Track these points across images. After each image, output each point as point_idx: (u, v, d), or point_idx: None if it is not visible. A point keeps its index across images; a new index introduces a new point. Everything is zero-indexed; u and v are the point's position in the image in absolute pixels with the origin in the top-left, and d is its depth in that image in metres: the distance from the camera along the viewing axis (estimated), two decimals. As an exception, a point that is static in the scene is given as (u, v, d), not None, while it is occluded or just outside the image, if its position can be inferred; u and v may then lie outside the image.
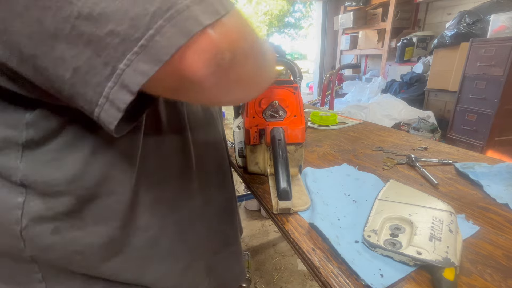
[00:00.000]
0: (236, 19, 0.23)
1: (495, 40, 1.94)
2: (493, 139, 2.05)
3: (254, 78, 0.28)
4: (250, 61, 0.25)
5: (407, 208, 0.43)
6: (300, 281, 1.37)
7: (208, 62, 0.21)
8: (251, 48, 0.25)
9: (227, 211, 0.55)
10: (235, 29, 0.22)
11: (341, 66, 3.18)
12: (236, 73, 0.24)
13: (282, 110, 0.57)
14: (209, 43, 0.20)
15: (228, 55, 0.22)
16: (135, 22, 0.18)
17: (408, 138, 0.86)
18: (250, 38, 0.24)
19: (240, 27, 0.23)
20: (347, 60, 4.45)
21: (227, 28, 0.21)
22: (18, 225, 0.28)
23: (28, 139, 0.27)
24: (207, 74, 0.22)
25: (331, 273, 0.35)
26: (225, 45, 0.21)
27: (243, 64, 0.24)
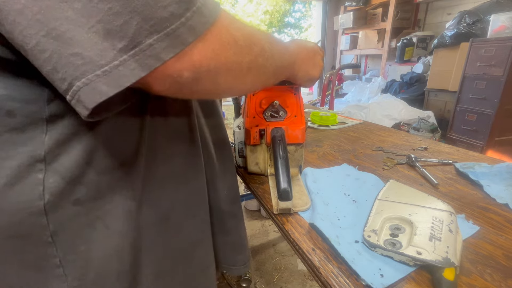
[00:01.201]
0: (210, 40, 0.25)
1: (495, 40, 1.94)
2: (493, 139, 2.05)
3: (230, 85, 0.31)
4: (221, 75, 0.28)
5: (407, 208, 0.43)
6: (300, 281, 1.37)
7: (164, 81, 0.25)
8: (224, 64, 0.27)
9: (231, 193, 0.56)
10: (201, 52, 0.25)
11: (341, 66, 3.18)
12: (202, 86, 0.27)
13: (283, 110, 0.57)
14: (166, 72, 0.24)
15: (186, 74, 0.25)
16: (103, 52, 0.21)
17: (408, 138, 0.86)
18: (224, 54, 0.27)
19: (211, 47, 0.25)
20: (347, 60, 4.45)
21: (191, 53, 0.24)
22: (41, 200, 0.29)
23: (52, 114, 0.28)
24: (164, 89, 0.26)
25: (331, 273, 0.35)
26: (184, 67, 0.24)
27: (210, 78, 0.27)
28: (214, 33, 0.26)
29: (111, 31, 0.21)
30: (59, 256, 0.32)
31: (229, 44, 0.27)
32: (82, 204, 0.32)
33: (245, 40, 0.29)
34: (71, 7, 0.20)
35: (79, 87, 0.22)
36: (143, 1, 0.22)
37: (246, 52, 0.29)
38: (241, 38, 0.28)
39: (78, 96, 0.22)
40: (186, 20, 0.23)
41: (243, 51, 0.28)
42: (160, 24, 0.22)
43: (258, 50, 0.31)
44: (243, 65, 0.29)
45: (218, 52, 0.26)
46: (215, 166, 0.51)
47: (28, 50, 0.21)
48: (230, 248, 0.58)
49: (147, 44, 0.22)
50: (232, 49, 0.27)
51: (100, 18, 0.21)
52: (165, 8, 0.22)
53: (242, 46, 0.28)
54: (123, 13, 0.21)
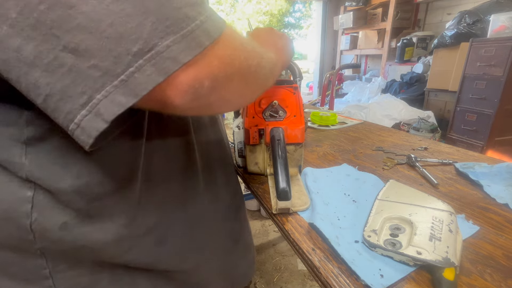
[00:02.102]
0: (224, 44, 0.24)
1: (495, 40, 1.94)
2: (493, 139, 2.05)
3: (241, 93, 0.30)
4: (235, 81, 0.27)
5: (407, 208, 0.43)
6: (300, 281, 1.37)
7: (185, 93, 0.23)
8: (238, 69, 0.26)
9: (232, 208, 0.55)
10: (218, 57, 0.24)
11: (341, 66, 3.18)
12: (218, 95, 0.26)
13: (282, 110, 0.57)
14: (187, 77, 0.22)
15: (207, 82, 0.24)
16: (118, 59, 0.20)
17: (408, 138, 0.86)
18: (237, 59, 0.26)
19: (226, 52, 0.25)
20: (347, 60, 4.45)
21: (209, 58, 0.23)
22: (28, 219, 0.29)
23: (30, 136, 0.27)
24: (185, 103, 0.24)
25: (331, 273, 0.35)
26: (205, 75, 0.23)
27: (226, 86, 0.26)
28: (227, 38, 0.25)
29: (124, 35, 0.20)
30: (49, 267, 0.32)
31: (240, 50, 0.27)
32: (69, 228, 0.31)
33: (249, 44, 0.29)
34: (79, 11, 0.19)
35: (99, 100, 0.20)
36: (157, 1, 0.21)
37: (253, 56, 0.29)
38: (246, 44, 0.28)
39: (97, 109, 0.21)
40: (201, 22, 0.22)
41: (250, 55, 0.28)
42: (176, 24, 0.21)
43: (258, 53, 0.31)
44: (251, 69, 0.29)
45: (233, 57, 0.26)
46: (215, 181, 0.49)
47: (42, 65, 0.20)
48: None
49: (164, 46, 0.21)
50: (242, 54, 0.27)
51: (111, 21, 0.19)
52: (180, 10, 0.22)
53: (249, 51, 0.28)
54: (136, 14, 0.20)
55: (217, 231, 0.49)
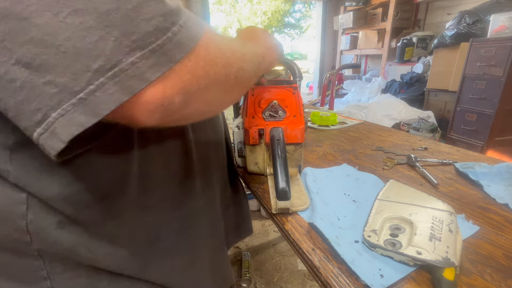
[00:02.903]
0: (199, 55, 0.23)
1: (495, 40, 1.94)
2: (493, 139, 2.05)
3: (219, 101, 0.29)
4: (211, 92, 0.26)
5: (407, 208, 0.43)
6: (300, 281, 1.37)
7: (153, 112, 0.21)
8: (214, 80, 0.25)
9: (230, 209, 0.55)
10: (191, 70, 0.22)
11: (341, 66, 3.18)
12: (192, 108, 0.25)
13: (282, 110, 0.57)
14: (154, 96, 0.21)
15: (178, 98, 0.22)
16: (76, 76, 0.18)
17: (408, 138, 0.86)
18: (214, 69, 0.24)
19: (200, 63, 0.23)
20: (347, 60, 4.44)
21: (180, 73, 0.22)
22: (23, 220, 0.28)
23: (16, 142, 0.26)
24: (153, 121, 0.22)
25: (331, 273, 0.35)
26: (175, 91, 0.22)
27: (200, 99, 0.25)
28: (203, 48, 0.23)
29: (83, 50, 0.18)
30: (46, 269, 0.32)
31: (218, 57, 0.25)
32: (65, 227, 0.31)
33: (229, 49, 0.27)
34: (33, 24, 0.17)
35: (55, 118, 0.19)
36: (123, 13, 0.19)
37: (233, 62, 0.27)
38: (226, 49, 0.27)
39: (53, 128, 0.19)
40: (173, 34, 0.21)
41: (230, 61, 0.27)
42: (143, 39, 0.20)
43: (240, 56, 0.29)
44: (230, 76, 0.27)
45: (208, 68, 0.24)
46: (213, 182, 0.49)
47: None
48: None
49: (129, 63, 0.19)
50: (220, 62, 0.25)
51: (68, 35, 0.18)
52: (149, 21, 0.20)
53: (229, 57, 0.27)
54: (98, 27, 0.18)
55: (212, 231, 0.49)
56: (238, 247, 1.60)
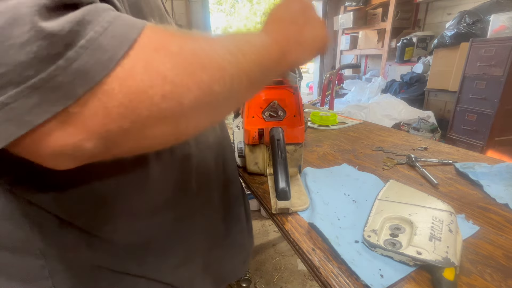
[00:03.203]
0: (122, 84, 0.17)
1: (495, 40, 1.94)
2: (493, 139, 2.05)
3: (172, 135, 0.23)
4: (151, 127, 0.20)
5: (407, 208, 0.43)
6: (300, 281, 1.37)
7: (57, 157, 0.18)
8: (148, 117, 0.19)
9: (227, 210, 0.55)
10: (103, 111, 0.17)
11: (341, 66, 3.18)
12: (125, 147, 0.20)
13: (282, 110, 0.57)
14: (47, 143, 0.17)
15: (90, 144, 0.18)
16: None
17: (408, 138, 0.86)
18: (146, 102, 0.18)
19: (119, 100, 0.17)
20: (347, 60, 4.44)
21: (85, 114, 0.17)
22: (26, 218, 0.29)
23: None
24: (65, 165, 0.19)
25: (331, 273, 0.35)
26: (80, 137, 0.17)
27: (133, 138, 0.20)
28: (123, 76, 0.17)
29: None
30: (48, 268, 0.32)
31: (152, 87, 0.18)
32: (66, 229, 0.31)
33: (184, 70, 0.20)
34: None
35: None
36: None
37: (187, 88, 0.20)
38: (174, 71, 0.19)
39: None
40: (66, 62, 0.16)
41: (179, 90, 0.19)
42: (16, 72, 0.15)
43: (210, 76, 0.21)
44: (183, 106, 0.20)
45: (133, 104, 0.18)
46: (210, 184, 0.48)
47: None
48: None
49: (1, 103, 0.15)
50: (157, 93, 0.18)
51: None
52: (22, 48, 0.15)
53: (177, 84, 0.19)
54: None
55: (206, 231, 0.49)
56: (238, 247, 1.60)
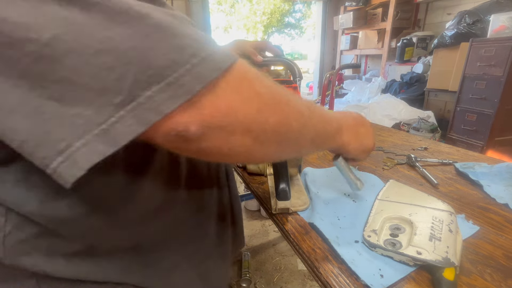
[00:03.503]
0: (225, 89, 0.23)
1: (495, 40, 1.94)
2: (493, 139, 2.05)
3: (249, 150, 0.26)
4: (237, 135, 0.24)
5: (407, 208, 0.43)
6: (300, 281, 1.37)
7: (170, 138, 0.23)
8: (242, 122, 0.24)
9: (221, 216, 0.54)
10: (212, 103, 0.22)
11: (341, 66, 3.18)
12: (210, 144, 0.24)
13: (282, 110, 0.57)
14: (170, 126, 0.22)
15: (194, 128, 0.22)
16: (100, 110, 0.20)
17: (408, 138, 0.86)
18: (242, 110, 0.24)
19: (226, 99, 0.23)
20: (347, 60, 4.44)
21: (199, 104, 0.22)
22: (1, 232, 0.28)
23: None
24: (170, 146, 0.23)
25: (331, 273, 0.35)
26: (192, 121, 0.22)
27: (221, 137, 0.24)
28: (231, 82, 0.23)
29: (106, 87, 0.20)
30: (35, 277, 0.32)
31: (251, 98, 0.24)
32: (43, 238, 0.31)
33: (273, 96, 0.25)
34: (62, 64, 0.19)
35: (78, 147, 0.20)
36: (139, 51, 0.20)
37: (274, 110, 0.25)
38: (267, 92, 0.25)
39: (75, 156, 0.20)
40: (192, 66, 0.21)
41: (269, 108, 0.25)
42: (159, 73, 0.21)
43: (292, 111, 0.27)
44: (267, 126, 0.25)
45: (236, 106, 0.23)
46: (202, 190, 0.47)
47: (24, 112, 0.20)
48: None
49: (146, 97, 0.21)
50: (254, 104, 0.24)
51: (94, 74, 0.20)
52: (165, 56, 0.21)
53: (268, 103, 0.25)
54: (118, 66, 0.20)
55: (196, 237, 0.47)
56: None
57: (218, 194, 0.52)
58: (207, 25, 3.66)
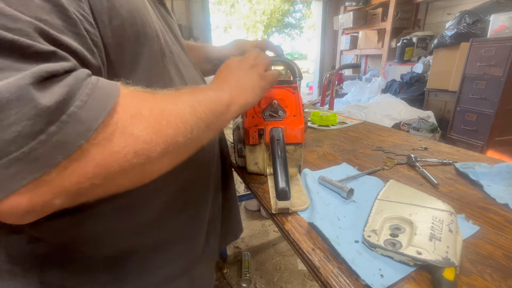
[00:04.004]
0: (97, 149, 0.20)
1: (495, 40, 1.94)
2: (493, 139, 2.05)
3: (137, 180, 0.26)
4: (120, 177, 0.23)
5: (407, 208, 0.43)
6: (300, 281, 1.37)
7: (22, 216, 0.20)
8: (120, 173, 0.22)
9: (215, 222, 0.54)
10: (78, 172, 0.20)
11: (341, 66, 3.18)
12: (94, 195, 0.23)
13: (282, 110, 0.57)
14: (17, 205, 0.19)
15: (59, 200, 0.20)
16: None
17: (408, 138, 0.86)
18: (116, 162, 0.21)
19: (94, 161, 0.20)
20: (347, 60, 4.44)
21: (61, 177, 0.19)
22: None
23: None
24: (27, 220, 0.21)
25: (331, 273, 0.35)
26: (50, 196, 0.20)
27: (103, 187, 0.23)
28: (100, 142, 0.20)
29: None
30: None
31: (125, 147, 0.22)
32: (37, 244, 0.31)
33: (153, 129, 0.24)
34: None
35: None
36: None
37: (155, 144, 0.24)
38: (145, 131, 0.23)
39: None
40: (47, 137, 0.18)
41: (149, 146, 0.23)
42: (0, 148, 0.17)
43: (175, 130, 0.26)
44: (151, 158, 0.24)
45: (107, 164, 0.21)
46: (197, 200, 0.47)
47: None
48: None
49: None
50: (130, 152, 0.22)
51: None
52: (7, 129, 0.17)
53: (147, 142, 0.23)
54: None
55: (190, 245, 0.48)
56: (238, 247, 1.60)
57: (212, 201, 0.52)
58: (207, 25, 3.66)
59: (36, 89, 0.18)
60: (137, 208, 0.37)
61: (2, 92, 0.17)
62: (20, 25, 0.18)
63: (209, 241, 0.53)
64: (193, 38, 3.53)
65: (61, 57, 0.20)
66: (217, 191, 0.54)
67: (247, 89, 0.40)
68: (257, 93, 0.42)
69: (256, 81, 0.43)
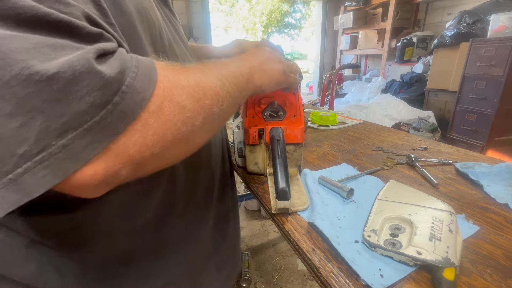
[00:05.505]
0: (148, 121, 0.22)
1: (495, 40, 1.94)
2: (493, 139, 2.05)
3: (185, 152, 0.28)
4: (172, 150, 0.25)
5: (407, 208, 0.43)
6: (300, 281, 1.37)
7: (96, 187, 0.21)
8: (172, 141, 0.24)
9: (216, 228, 0.53)
10: (136, 141, 0.21)
11: (341, 66, 3.18)
12: (148, 168, 0.24)
13: (282, 110, 0.57)
14: (94, 174, 0.20)
15: (125, 171, 0.22)
16: (3, 160, 0.18)
17: (408, 138, 0.86)
18: (169, 131, 0.23)
19: (150, 130, 0.22)
20: (347, 60, 4.44)
21: (124, 146, 0.21)
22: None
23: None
24: (99, 193, 0.22)
25: (331, 273, 0.35)
26: (120, 165, 0.21)
27: (157, 161, 0.24)
28: (154, 110, 0.22)
29: (3, 136, 0.18)
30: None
31: (175, 116, 0.23)
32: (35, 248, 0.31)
33: (194, 98, 0.25)
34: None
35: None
36: (46, 96, 0.18)
37: (197, 113, 0.26)
38: (188, 100, 0.25)
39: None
40: (113, 106, 0.20)
41: (193, 115, 0.25)
42: (76, 119, 0.19)
43: (210, 100, 0.28)
44: (195, 127, 0.26)
45: (163, 132, 0.23)
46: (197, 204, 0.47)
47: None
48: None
49: (59, 146, 0.19)
50: (179, 120, 0.24)
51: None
52: (81, 100, 0.19)
53: (191, 110, 0.25)
54: (19, 113, 0.17)
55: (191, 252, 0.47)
56: (238, 247, 1.60)
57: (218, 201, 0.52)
58: (207, 25, 3.67)
59: (98, 63, 0.20)
60: (137, 207, 0.37)
61: (74, 64, 0.18)
62: (72, 10, 0.20)
63: (218, 248, 0.52)
64: (193, 38, 3.53)
65: (107, 38, 0.22)
66: (221, 192, 0.54)
67: (266, 74, 0.42)
68: (272, 84, 0.43)
69: (277, 73, 0.44)
